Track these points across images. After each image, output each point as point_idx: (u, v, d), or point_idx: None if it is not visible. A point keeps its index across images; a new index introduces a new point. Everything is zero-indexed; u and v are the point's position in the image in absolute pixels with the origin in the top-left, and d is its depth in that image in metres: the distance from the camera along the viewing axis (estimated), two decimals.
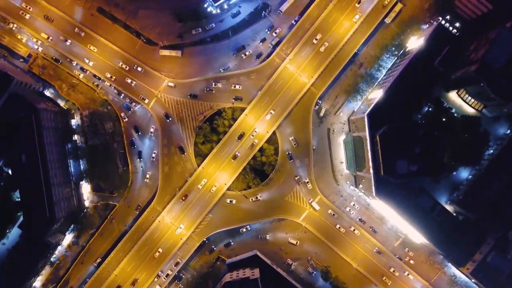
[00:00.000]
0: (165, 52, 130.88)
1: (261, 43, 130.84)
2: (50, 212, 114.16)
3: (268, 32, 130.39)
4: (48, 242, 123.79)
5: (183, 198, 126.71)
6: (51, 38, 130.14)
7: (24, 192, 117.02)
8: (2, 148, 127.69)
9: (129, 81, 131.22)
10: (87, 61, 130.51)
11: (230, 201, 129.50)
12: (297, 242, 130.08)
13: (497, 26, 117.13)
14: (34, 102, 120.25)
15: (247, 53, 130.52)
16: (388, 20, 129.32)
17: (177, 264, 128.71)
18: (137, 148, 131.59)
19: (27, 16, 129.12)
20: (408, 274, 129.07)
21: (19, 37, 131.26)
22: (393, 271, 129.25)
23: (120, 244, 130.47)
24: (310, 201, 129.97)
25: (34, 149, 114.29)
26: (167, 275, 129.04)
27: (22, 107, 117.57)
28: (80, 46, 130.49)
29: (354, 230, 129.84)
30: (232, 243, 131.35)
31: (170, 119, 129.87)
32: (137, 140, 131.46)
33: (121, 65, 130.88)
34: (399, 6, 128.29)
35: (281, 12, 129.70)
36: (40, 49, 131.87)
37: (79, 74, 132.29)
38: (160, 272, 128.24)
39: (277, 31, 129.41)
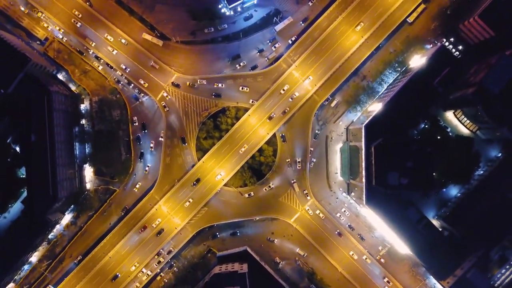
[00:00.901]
0: (147, 37, 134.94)
1: (258, 54, 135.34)
2: (53, 191, 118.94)
3: (269, 43, 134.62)
4: (48, 220, 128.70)
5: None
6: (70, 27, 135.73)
7: (30, 170, 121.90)
8: (12, 125, 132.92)
9: (140, 72, 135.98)
10: (102, 49, 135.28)
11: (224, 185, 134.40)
12: (304, 254, 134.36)
13: (498, 53, 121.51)
14: (47, 84, 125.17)
15: (243, 63, 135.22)
16: (410, 20, 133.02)
17: (169, 252, 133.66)
18: (142, 143, 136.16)
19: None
20: (391, 284, 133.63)
21: (44, 25, 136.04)
22: (378, 278, 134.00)
23: (116, 228, 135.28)
24: (307, 210, 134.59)
25: (43, 129, 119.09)
26: (159, 262, 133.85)
27: (35, 88, 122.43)
28: (96, 34, 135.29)
29: (342, 235, 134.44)
30: (224, 237, 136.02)
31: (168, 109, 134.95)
32: (142, 136, 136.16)
33: (134, 56, 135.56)
34: (422, 6, 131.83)
35: (276, 31, 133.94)
36: (60, 35, 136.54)
37: (93, 62, 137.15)
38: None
39: (276, 45, 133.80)
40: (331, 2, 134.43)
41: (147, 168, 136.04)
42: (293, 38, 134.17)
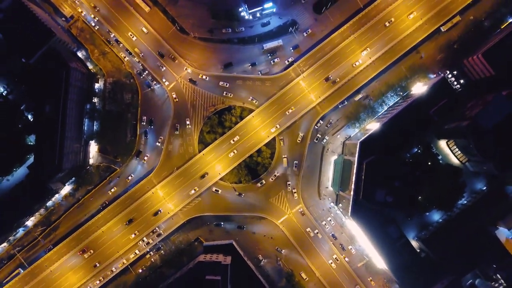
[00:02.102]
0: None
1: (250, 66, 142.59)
2: (59, 161, 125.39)
3: (269, 56, 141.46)
4: (49, 188, 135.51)
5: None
6: (97, 8, 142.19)
7: (40, 138, 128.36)
8: (27, 94, 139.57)
9: (155, 61, 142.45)
10: (123, 34, 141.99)
11: (216, 190, 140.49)
12: (306, 278, 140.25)
13: (495, 92, 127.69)
14: (67, 60, 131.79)
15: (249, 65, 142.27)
16: (444, 29, 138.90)
17: (159, 235, 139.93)
18: (148, 137, 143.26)
19: None
20: None
21: (71, 3, 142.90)
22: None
23: (112, 205, 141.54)
24: (299, 210, 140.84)
25: (58, 102, 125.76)
26: (148, 243, 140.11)
27: (56, 62, 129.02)
28: (120, 19, 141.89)
29: (324, 242, 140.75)
30: (213, 228, 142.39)
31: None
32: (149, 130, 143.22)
33: (152, 45, 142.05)
34: (457, 18, 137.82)
35: (264, 48, 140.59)
36: (86, 15, 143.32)
37: (113, 45, 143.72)
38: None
39: (276, 60, 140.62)
40: (346, 20, 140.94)
41: (148, 155, 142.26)
42: (292, 59, 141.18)
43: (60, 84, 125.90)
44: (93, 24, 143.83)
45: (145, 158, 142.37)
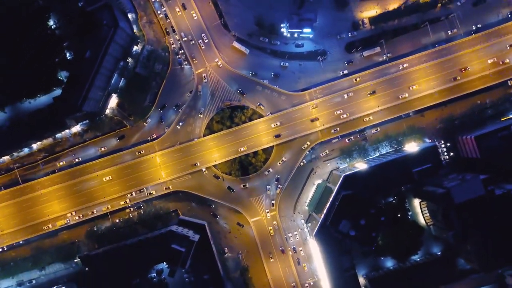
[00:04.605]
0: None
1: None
2: (81, 103, 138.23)
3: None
4: (64, 122, 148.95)
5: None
6: None
7: (72, 77, 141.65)
8: (74, 34, 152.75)
9: (193, 45, 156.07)
10: (173, 12, 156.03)
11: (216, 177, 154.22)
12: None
13: (475, 173, 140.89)
14: (118, 18, 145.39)
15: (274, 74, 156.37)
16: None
17: (146, 195, 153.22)
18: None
19: None
20: None
21: None
22: None
23: (111, 155, 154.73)
24: (266, 212, 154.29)
25: (99, 52, 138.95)
26: (132, 199, 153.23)
27: (108, 17, 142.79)
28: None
29: (284, 253, 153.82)
30: (192, 206, 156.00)
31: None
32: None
33: (195, 29, 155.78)
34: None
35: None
36: None
37: (161, 18, 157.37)
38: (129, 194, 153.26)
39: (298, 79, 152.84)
40: (369, 67, 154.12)
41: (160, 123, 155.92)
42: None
43: (106, 38, 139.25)
44: None
45: (154, 125, 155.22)
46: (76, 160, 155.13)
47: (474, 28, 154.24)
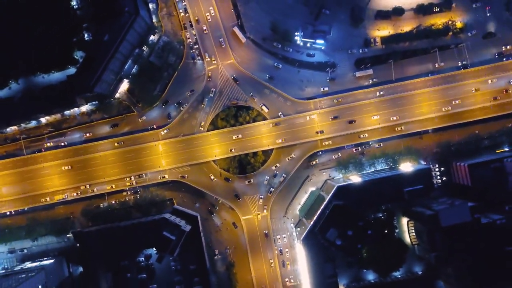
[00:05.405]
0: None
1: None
2: (94, 84, 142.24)
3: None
4: (74, 100, 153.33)
5: None
6: None
7: (89, 58, 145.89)
8: (93, 17, 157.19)
9: (208, 42, 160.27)
10: (193, 8, 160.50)
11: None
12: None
13: (464, 199, 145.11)
14: (140, 7, 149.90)
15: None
16: None
17: (143, 180, 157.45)
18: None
19: None
20: None
21: None
22: None
23: (115, 138, 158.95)
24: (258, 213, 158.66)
25: (117, 37, 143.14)
26: (138, 182, 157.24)
27: (130, 4, 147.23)
28: None
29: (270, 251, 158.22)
30: (188, 196, 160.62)
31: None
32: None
33: (212, 26, 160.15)
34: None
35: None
36: None
37: (180, 11, 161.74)
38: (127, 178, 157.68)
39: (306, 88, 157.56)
40: (376, 84, 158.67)
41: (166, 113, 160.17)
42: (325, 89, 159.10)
43: (126, 24, 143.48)
44: None
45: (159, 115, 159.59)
46: (82, 137, 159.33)
47: (480, 60, 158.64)
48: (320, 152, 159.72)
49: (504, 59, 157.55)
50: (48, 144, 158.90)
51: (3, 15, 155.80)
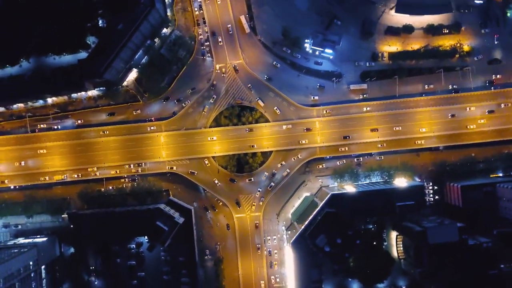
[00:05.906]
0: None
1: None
2: (104, 70, 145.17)
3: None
4: (83, 84, 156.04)
5: None
6: None
7: (101, 44, 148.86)
8: (107, 7, 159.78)
9: (219, 39, 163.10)
10: (208, 6, 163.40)
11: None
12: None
13: (453, 220, 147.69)
14: (155, 0, 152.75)
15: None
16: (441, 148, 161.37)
17: (142, 169, 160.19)
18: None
19: None
20: None
21: None
22: None
23: (118, 125, 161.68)
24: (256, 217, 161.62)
25: (131, 27, 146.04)
26: (129, 170, 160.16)
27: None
28: None
29: (259, 252, 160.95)
30: (183, 188, 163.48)
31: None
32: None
33: (224, 26, 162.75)
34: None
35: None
36: None
37: (195, 8, 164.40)
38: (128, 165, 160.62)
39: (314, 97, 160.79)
40: (380, 98, 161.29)
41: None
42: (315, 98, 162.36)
43: (140, 15, 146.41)
44: None
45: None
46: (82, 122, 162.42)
47: (484, 85, 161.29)
48: (328, 157, 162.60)
49: (492, 88, 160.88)
50: (54, 127, 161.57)
51: None
